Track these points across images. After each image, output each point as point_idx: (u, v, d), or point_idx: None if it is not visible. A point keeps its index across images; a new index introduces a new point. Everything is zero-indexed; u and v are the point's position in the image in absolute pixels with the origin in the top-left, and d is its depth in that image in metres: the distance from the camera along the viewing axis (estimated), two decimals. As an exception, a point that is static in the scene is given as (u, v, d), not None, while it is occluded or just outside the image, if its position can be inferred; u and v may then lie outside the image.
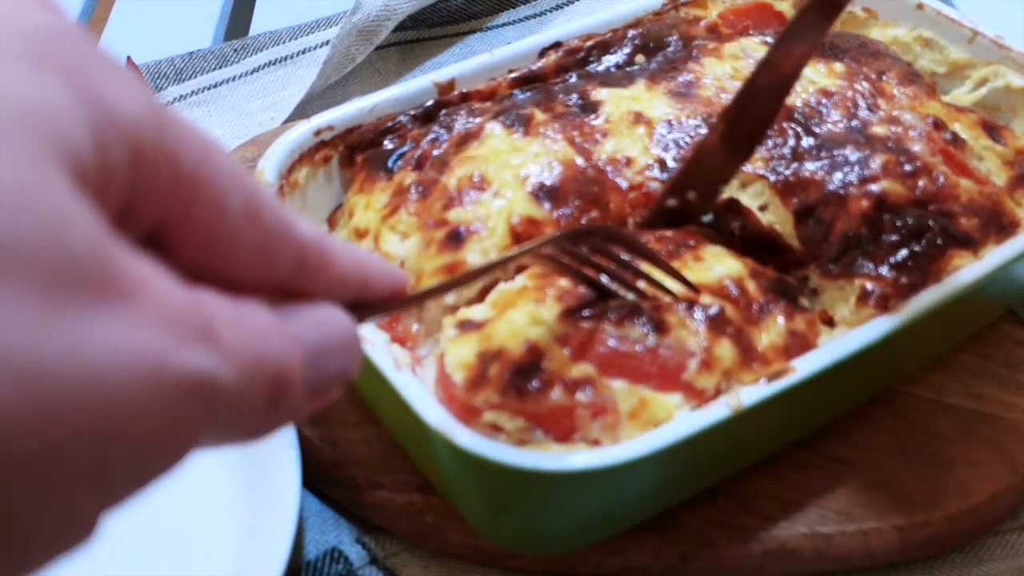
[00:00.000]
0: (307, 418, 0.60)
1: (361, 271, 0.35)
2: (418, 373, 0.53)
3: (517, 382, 0.48)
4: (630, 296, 0.51)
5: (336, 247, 0.34)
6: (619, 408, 0.48)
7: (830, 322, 0.56)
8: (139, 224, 0.27)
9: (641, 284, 0.51)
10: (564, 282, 0.52)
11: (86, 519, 0.25)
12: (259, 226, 0.30)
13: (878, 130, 0.63)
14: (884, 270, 0.57)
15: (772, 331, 0.52)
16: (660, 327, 0.50)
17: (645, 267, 0.51)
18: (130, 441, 0.24)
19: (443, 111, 0.66)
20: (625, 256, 0.50)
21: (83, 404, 0.22)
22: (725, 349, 0.50)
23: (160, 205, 0.27)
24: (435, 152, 0.61)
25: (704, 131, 0.62)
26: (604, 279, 0.50)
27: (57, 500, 0.23)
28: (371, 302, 0.36)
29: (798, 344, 0.52)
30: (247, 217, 0.30)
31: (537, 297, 0.51)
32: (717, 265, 0.54)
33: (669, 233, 0.56)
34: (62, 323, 0.22)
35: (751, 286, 0.53)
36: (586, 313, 0.50)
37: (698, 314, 0.51)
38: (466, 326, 0.51)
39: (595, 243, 0.49)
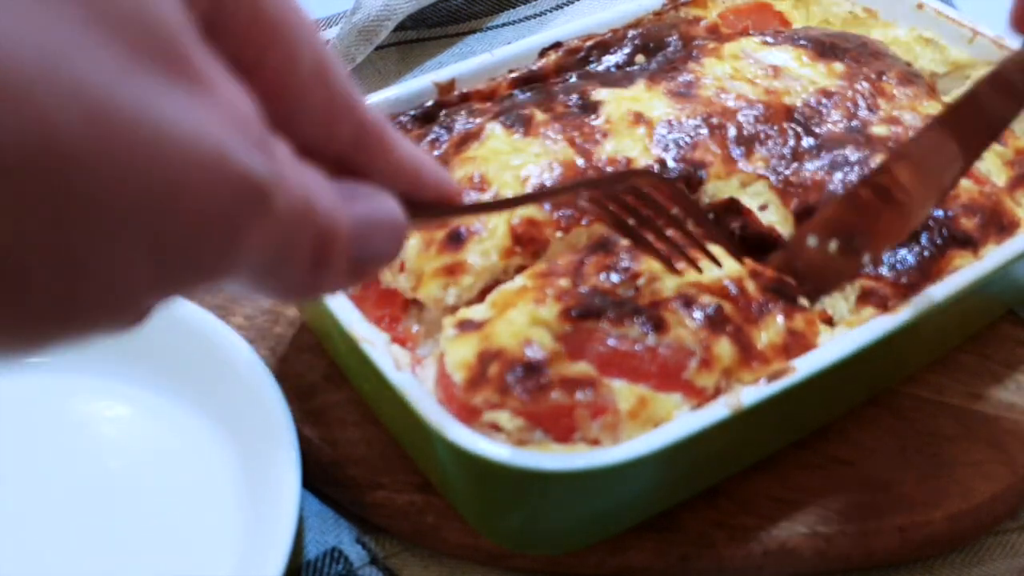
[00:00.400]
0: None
1: (416, 165, 0.36)
2: (418, 373, 0.53)
3: (516, 382, 0.48)
4: (662, 251, 0.51)
5: (395, 134, 0.35)
6: (619, 408, 0.48)
7: (829, 322, 0.56)
8: (217, 53, 0.27)
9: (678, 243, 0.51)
10: (564, 282, 0.52)
11: (132, 293, 0.25)
12: (326, 88, 0.31)
13: (878, 130, 0.63)
14: (884, 270, 0.57)
15: (771, 330, 0.52)
16: (659, 326, 0.50)
17: (687, 225, 0.51)
18: (184, 218, 0.24)
19: (443, 111, 0.66)
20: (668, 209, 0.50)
21: (146, 160, 0.23)
22: (724, 348, 0.50)
23: (238, 38, 0.28)
24: (435, 152, 0.61)
25: (704, 131, 0.62)
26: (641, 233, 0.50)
27: (109, 251, 0.23)
28: (420, 201, 0.36)
29: (797, 343, 0.52)
30: (317, 76, 0.30)
31: (537, 297, 0.51)
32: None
33: (670, 232, 0.57)
34: (140, 83, 0.23)
35: (750, 286, 0.53)
36: (585, 313, 0.50)
37: (697, 313, 0.51)
38: (466, 326, 0.51)
39: (635, 190, 0.49)
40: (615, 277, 0.52)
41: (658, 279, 0.52)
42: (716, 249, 0.56)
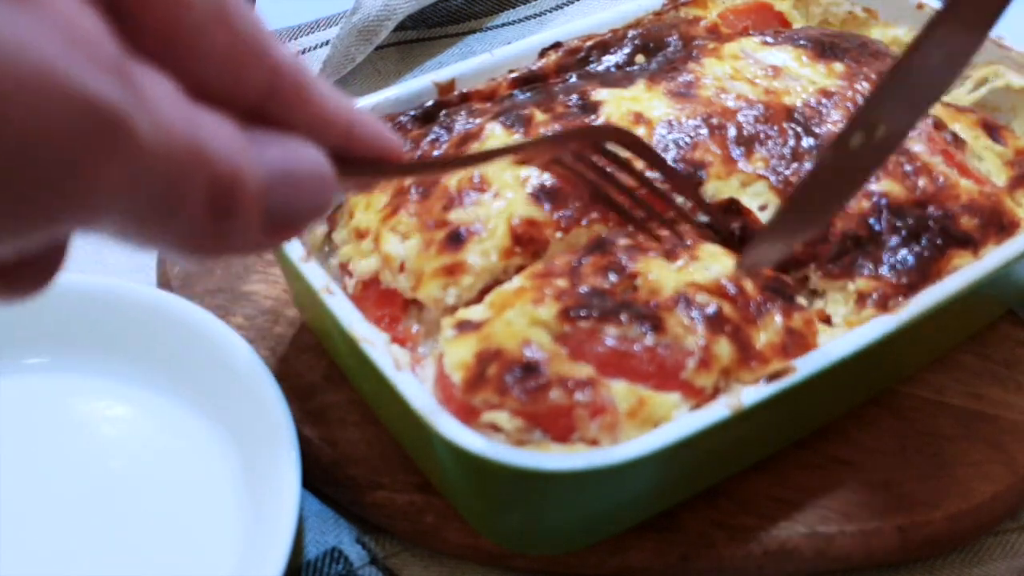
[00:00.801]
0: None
1: (348, 118, 0.33)
2: (418, 373, 0.53)
3: (515, 382, 0.48)
4: (637, 216, 0.50)
5: (320, 84, 0.32)
6: (617, 408, 0.48)
7: (828, 321, 0.56)
8: None
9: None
10: (562, 282, 0.52)
11: None
12: (228, 30, 0.29)
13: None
14: (884, 270, 0.57)
15: (770, 330, 0.52)
16: (658, 326, 0.50)
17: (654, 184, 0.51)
18: (24, 153, 0.22)
19: (443, 111, 0.66)
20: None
21: None
22: (723, 348, 0.50)
23: None
24: (435, 153, 0.61)
25: (704, 131, 0.62)
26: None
27: None
28: (356, 159, 0.33)
29: (796, 343, 0.52)
30: (216, 17, 0.28)
31: (535, 297, 0.51)
32: (714, 264, 0.54)
33: (665, 232, 0.57)
34: None
35: (748, 285, 0.53)
36: (584, 313, 0.50)
37: (696, 313, 0.51)
38: (464, 326, 0.51)
39: (603, 146, 0.48)
40: (613, 277, 0.52)
41: (656, 279, 0.52)
42: (713, 248, 0.56)
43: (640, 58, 0.70)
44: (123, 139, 0.24)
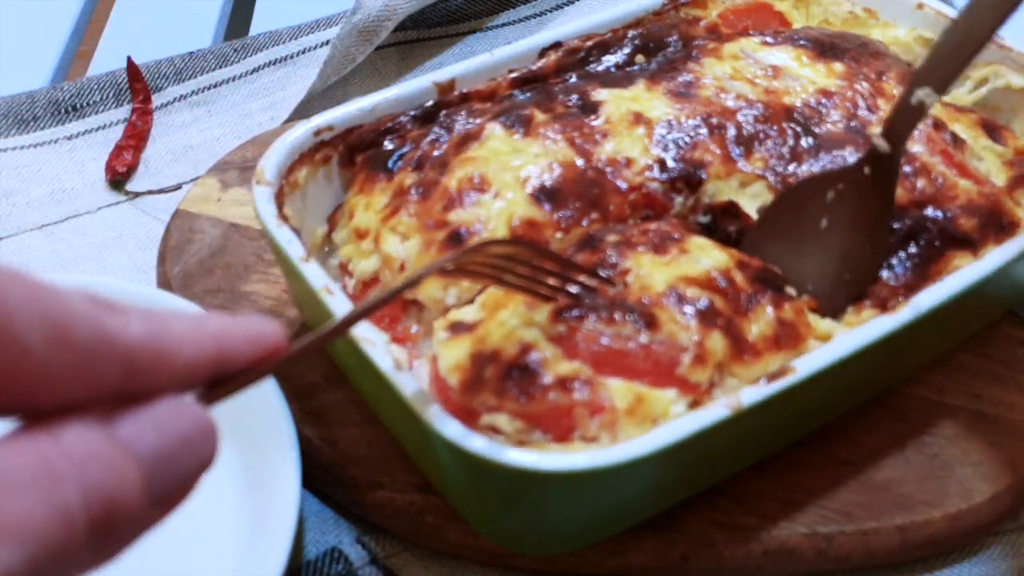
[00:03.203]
0: (304, 419, 0.60)
1: (216, 347, 0.33)
2: (413, 372, 0.53)
3: (514, 384, 0.48)
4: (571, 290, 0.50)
5: (175, 335, 0.31)
6: (616, 405, 0.48)
7: (819, 311, 0.55)
8: None
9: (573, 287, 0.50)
10: (553, 282, 0.52)
11: None
12: (70, 349, 0.28)
13: (878, 130, 0.63)
14: (884, 271, 0.57)
15: (761, 321, 0.52)
16: (651, 323, 0.50)
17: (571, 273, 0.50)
18: None
19: (443, 111, 0.65)
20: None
21: None
22: (717, 342, 0.50)
23: None
24: (435, 153, 0.61)
25: (704, 131, 0.62)
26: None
27: None
28: (236, 373, 0.34)
29: (788, 334, 0.52)
30: (54, 344, 0.28)
31: (529, 300, 0.51)
32: (704, 257, 0.54)
33: (653, 226, 0.56)
34: None
35: (738, 277, 0.53)
36: (576, 313, 0.50)
37: (688, 308, 0.51)
38: (457, 328, 0.51)
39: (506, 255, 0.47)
40: (603, 274, 0.52)
41: (647, 274, 0.52)
42: (702, 241, 0.56)
43: (640, 58, 0.70)
44: None
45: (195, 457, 0.32)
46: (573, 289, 0.50)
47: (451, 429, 0.46)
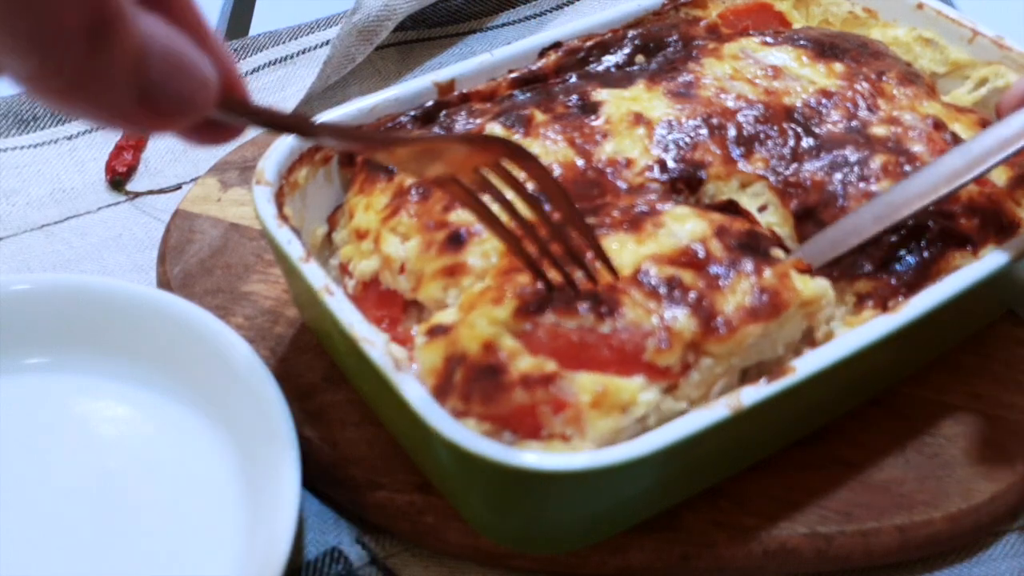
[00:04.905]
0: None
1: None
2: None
3: (479, 386, 0.48)
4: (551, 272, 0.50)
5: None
6: (580, 400, 0.48)
7: (808, 271, 0.55)
8: None
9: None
10: (523, 278, 0.51)
11: None
12: None
13: (878, 130, 0.63)
14: (884, 271, 0.57)
15: (739, 292, 0.51)
16: (613, 310, 0.50)
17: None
18: None
19: (443, 112, 0.65)
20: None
21: None
22: (684, 322, 0.50)
23: None
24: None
25: (704, 132, 0.62)
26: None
27: None
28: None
29: (768, 303, 0.51)
30: None
31: (495, 297, 0.51)
32: (679, 229, 0.53)
33: (627, 204, 0.56)
34: None
35: (715, 246, 0.53)
36: (539, 308, 0.50)
37: (654, 289, 0.50)
38: (435, 332, 0.51)
39: (499, 165, 0.48)
40: (573, 261, 0.51)
41: (615, 257, 0.51)
42: (683, 210, 0.55)
43: (640, 58, 0.70)
44: None
45: (188, 88, 0.32)
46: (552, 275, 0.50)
47: (451, 429, 0.46)
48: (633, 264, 0.51)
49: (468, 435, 0.46)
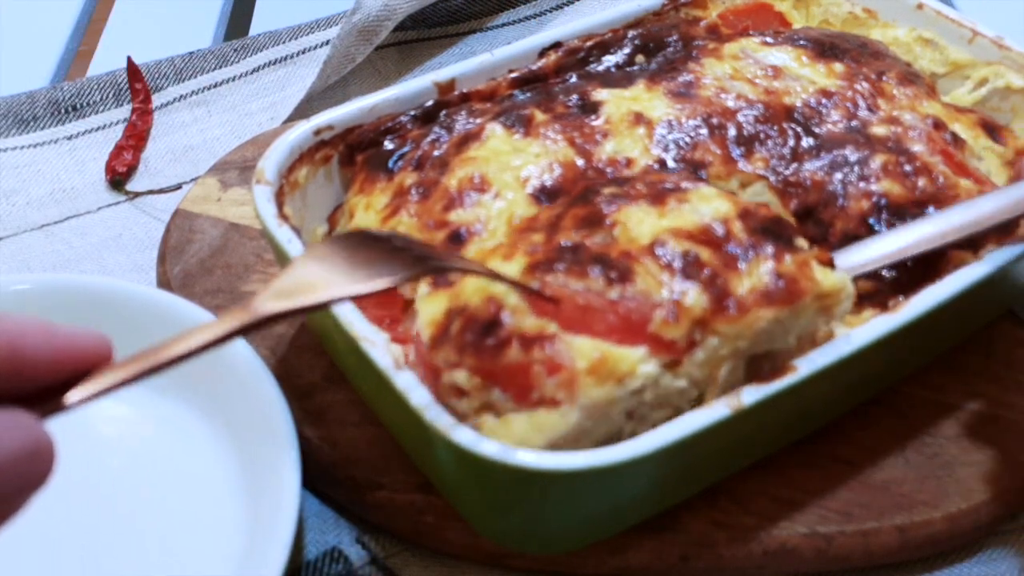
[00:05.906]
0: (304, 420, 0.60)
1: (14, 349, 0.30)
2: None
3: (474, 339, 0.48)
4: None
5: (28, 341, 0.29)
6: (576, 365, 0.47)
7: (831, 264, 0.53)
8: None
9: None
10: (537, 236, 0.51)
11: None
12: None
13: (878, 130, 0.63)
14: (884, 271, 0.57)
15: (755, 275, 0.50)
16: (625, 276, 0.49)
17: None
18: None
19: (443, 111, 0.66)
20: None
21: None
22: (695, 298, 0.49)
23: None
24: (435, 153, 0.61)
25: (704, 132, 0.62)
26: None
27: None
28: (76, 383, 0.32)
29: (785, 289, 0.50)
30: None
31: (506, 253, 0.51)
32: (704, 207, 0.52)
33: (656, 178, 0.56)
34: None
35: (737, 227, 0.52)
36: (549, 266, 0.49)
37: (668, 261, 0.50)
38: (439, 282, 0.51)
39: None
40: (591, 227, 0.51)
41: (635, 227, 0.51)
42: (708, 190, 0.54)
43: (640, 58, 0.70)
44: None
45: (23, 471, 0.29)
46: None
47: (451, 429, 0.46)
48: (651, 235, 0.51)
49: (468, 435, 0.46)
